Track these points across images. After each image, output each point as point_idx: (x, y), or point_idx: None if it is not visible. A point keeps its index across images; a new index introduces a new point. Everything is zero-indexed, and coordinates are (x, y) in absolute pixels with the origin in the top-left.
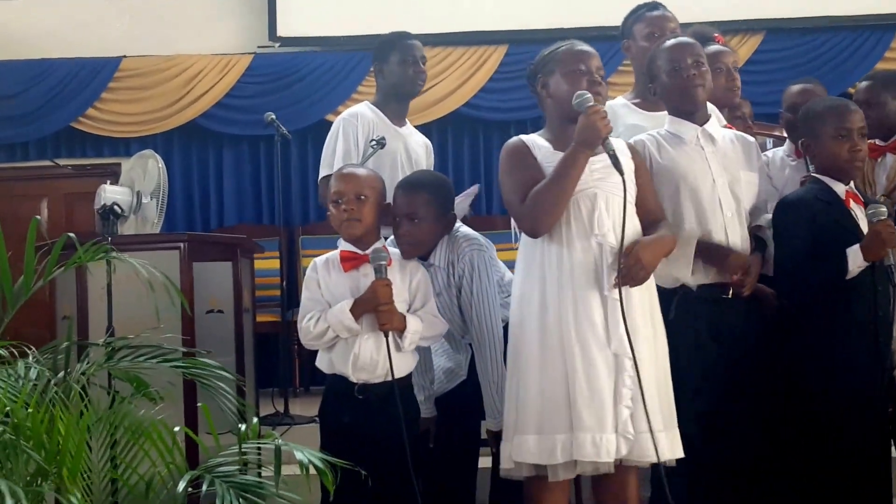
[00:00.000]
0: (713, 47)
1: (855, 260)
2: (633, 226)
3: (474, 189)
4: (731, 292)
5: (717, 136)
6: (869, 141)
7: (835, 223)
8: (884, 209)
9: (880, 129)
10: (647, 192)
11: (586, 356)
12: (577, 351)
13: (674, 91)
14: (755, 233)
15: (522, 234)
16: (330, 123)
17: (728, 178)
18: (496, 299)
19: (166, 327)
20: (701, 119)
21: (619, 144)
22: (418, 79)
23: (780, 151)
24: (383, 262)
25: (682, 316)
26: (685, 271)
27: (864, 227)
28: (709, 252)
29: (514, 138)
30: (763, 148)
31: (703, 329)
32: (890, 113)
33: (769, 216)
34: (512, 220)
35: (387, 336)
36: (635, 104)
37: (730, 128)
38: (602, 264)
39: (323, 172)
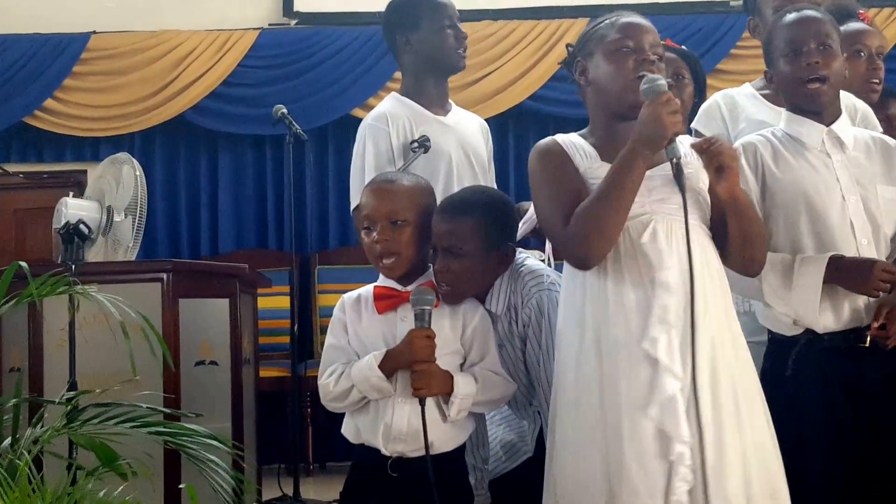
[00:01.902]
0: (854, 25)
1: None
2: (707, 262)
3: None
4: (869, 340)
5: (848, 139)
6: None
7: None
8: None
9: None
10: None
11: (633, 430)
12: (624, 422)
13: (792, 83)
14: None
15: (566, 263)
16: (357, 121)
17: (862, 195)
18: None
19: (143, 382)
20: (830, 117)
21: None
22: (460, 46)
23: None
24: (427, 308)
25: (805, 372)
26: (811, 308)
27: None
28: (843, 269)
29: (548, 139)
30: None
31: (835, 388)
32: None
33: None
34: (548, 244)
35: (422, 403)
36: (765, 95)
37: None
38: (659, 311)
39: (354, 201)
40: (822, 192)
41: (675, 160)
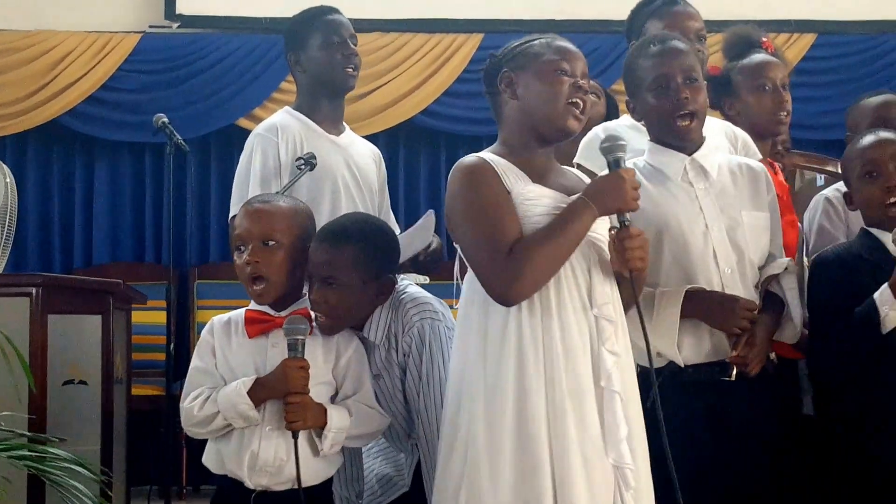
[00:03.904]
0: (757, 57)
1: (885, 302)
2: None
3: (429, 218)
4: (733, 373)
5: (712, 167)
6: None
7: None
8: None
9: None
10: None
11: (587, 467)
12: (576, 462)
13: (660, 118)
14: (767, 288)
15: (476, 296)
16: (242, 132)
17: (726, 223)
18: None
19: (7, 403)
20: (692, 146)
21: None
22: (349, 64)
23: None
24: (301, 337)
25: (666, 404)
26: (670, 341)
27: None
28: (705, 305)
29: (472, 157)
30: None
31: (698, 420)
32: None
33: (785, 261)
34: (455, 270)
35: (295, 437)
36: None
37: (771, 163)
38: (599, 345)
39: (233, 210)
40: (683, 222)
41: (620, 225)
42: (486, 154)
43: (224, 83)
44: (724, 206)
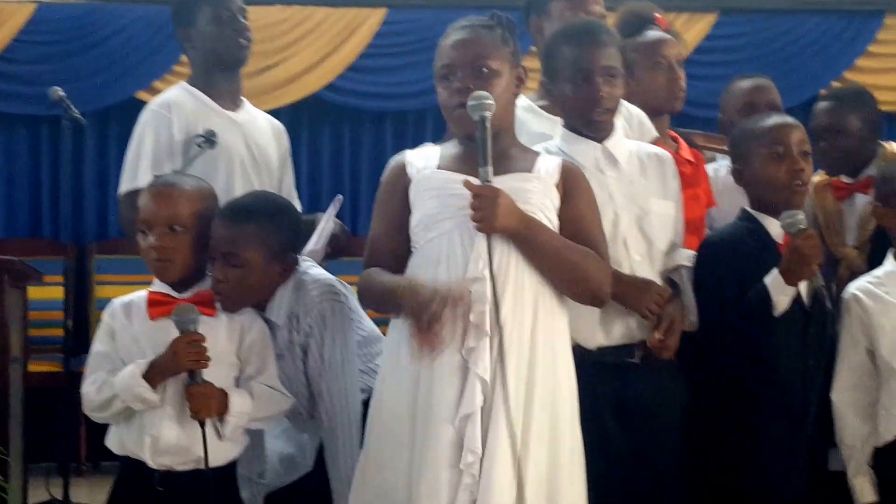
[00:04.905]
0: (652, 34)
1: (777, 287)
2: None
3: (337, 202)
4: (638, 355)
5: (622, 156)
6: (833, 178)
7: (762, 273)
8: (801, 217)
9: (847, 163)
10: (580, 226)
11: (435, 439)
12: (429, 430)
13: (576, 109)
14: (671, 276)
15: None
16: (142, 105)
17: (636, 213)
18: (354, 365)
19: None
20: (604, 134)
21: (548, 162)
22: (241, 37)
23: (725, 167)
24: (191, 325)
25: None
26: (579, 323)
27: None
28: (620, 286)
29: (397, 156)
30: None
31: (604, 403)
32: (859, 141)
33: (691, 254)
34: None
35: (202, 424)
36: (542, 107)
37: (675, 137)
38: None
39: (125, 186)
40: None
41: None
42: (422, 150)
43: (122, 55)
44: (633, 195)
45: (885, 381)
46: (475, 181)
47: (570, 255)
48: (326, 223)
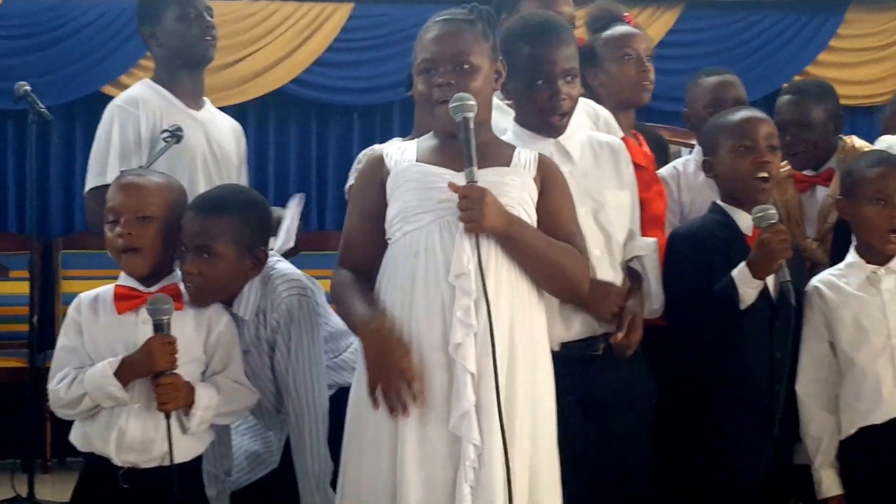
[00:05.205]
0: (620, 29)
1: (744, 280)
2: (501, 269)
3: (299, 200)
4: (601, 347)
5: (575, 150)
6: (797, 172)
7: (731, 266)
8: (773, 211)
9: (809, 157)
10: (557, 221)
11: (422, 438)
12: (412, 430)
13: (533, 110)
14: (630, 265)
15: None
16: (107, 99)
17: (592, 207)
18: (321, 360)
19: None
20: (556, 130)
21: (525, 155)
22: (206, 35)
23: (693, 161)
24: (165, 317)
25: None
26: (553, 323)
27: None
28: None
29: (374, 148)
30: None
31: (568, 397)
32: (824, 134)
33: (651, 242)
34: None
35: (167, 416)
36: (510, 105)
37: (636, 134)
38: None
39: (92, 182)
40: None
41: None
42: (400, 143)
43: (88, 49)
44: (588, 189)
45: (846, 374)
46: (459, 180)
47: (553, 253)
48: (293, 220)
